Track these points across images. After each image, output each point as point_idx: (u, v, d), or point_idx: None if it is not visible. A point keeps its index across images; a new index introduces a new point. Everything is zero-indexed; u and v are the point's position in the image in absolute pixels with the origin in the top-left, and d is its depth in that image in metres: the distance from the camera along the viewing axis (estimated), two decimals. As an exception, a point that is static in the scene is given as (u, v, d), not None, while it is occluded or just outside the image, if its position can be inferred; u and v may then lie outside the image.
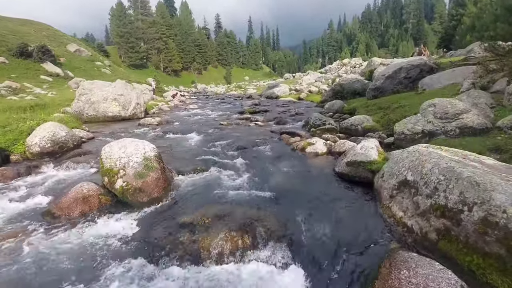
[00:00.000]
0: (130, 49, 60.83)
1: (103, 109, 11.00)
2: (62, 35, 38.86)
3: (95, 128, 9.03)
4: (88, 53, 36.42)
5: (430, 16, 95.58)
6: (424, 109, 5.18)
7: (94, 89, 11.34)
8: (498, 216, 1.66)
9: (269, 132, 7.42)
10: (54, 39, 35.49)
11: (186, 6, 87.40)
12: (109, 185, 3.59)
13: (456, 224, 1.90)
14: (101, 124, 10.07)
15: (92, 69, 32.68)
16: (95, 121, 10.80)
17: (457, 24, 36.54)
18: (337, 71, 40.06)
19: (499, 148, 3.87)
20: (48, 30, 37.35)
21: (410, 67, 10.09)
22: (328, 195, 3.32)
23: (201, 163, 4.67)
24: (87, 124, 10.04)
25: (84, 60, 34.15)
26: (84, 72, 30.93)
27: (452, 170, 2.11)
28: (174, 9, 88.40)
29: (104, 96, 11.13)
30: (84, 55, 35.25)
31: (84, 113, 10.88)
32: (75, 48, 35.06)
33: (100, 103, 11.04)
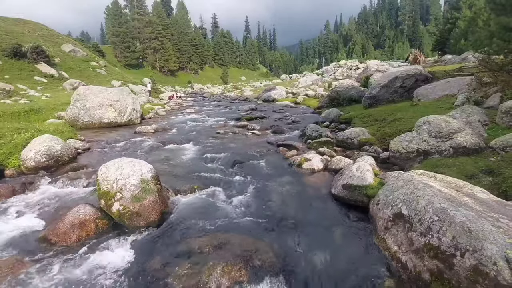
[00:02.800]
0: (126, 49, 60.38)
1: (98, 115, 10.93)
2: (57, 35, 38.39)
3: (90, 135, 8.97)
4: (83, 53, 36.04)
5: (426, 18, 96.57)
6: (419, 126, 5.24)
7: (89, 95, 11.26)
8: (489, 267, 1.71)
9: (266, 143, 7.45)
10: (49, 39, 35.04)
11: (182, 6, 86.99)
12: (106, 208, 3.58)
13: (448, 268, 1.95)
14: (96, 131, 10.01)
15: (87, 70, 32.35)
16: (90, 127, 10.73)
17: (452, 28, 36.91)
18: (333, 73, 40.27)
19: (492, 171, 3.94)
20: (42, 30, 36.87)
21: (406, 76, 10.20)
22: (325, 221, 3.36)
23: (198, 181, 4.68)
24: (83, 131, 9.98)
25: (79, 60, 33.78)
26: (79, 72, 30.62)
27: (445, 212, 2.16)
28: (171, 9, 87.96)
29: (99, 102, 11.06)
30: (79, 55, 34.88)
31: (79, 119, 10.80)
32: (70, 48, 34.66)
33: (96, 109, 10.96)
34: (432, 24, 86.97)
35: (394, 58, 62.63)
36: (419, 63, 21.70)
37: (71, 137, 7.53)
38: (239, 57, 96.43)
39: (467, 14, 32.10)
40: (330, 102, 13.50)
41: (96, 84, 25.95)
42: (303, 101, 19.32)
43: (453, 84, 8.72)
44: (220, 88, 57.10)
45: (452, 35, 34.15)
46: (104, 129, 10.39)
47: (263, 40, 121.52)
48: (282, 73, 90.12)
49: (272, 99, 21.94)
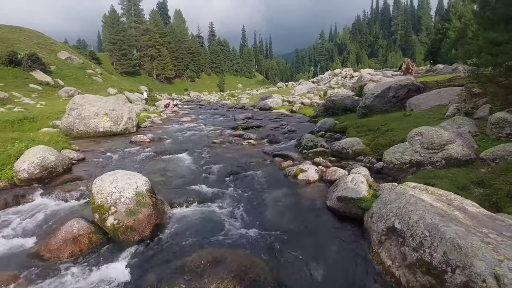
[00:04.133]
0: (122, 57, 60.51)
1: (94, 124, 10.90)
2: (53, 43, 38.43)
3: (85, 145, 8.92)
4: (80, 61, 36.05)
5: (417, 28, 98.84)
6: (411, 138, 5.34)
7: (85, 104, 11.24)
8: (479, 284, 1.74)
9: (262, 153, 7.48)
10: (45, 46, 35.04)
11: (180, 14, 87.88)
12: (100, 222, 3.56)
13: (440, 284, 1.98)
14: (91, 140, 9.95)
15: (83, 77, 32.30)
16: (85, 136, 10.67)
17: (443, 38, 37.85)
18: (328, 81, 40.78)
19: (483, 182, 4.01)
20: (38, 38, 36.89)
21: (398, 86, 10.40)
22: (320, 235, 3.38)
23: (194, 193, 4.68)
24: (77, 140, 9.92)
25: (75, 68, 33.76)
26: (75, 80, 30.55)
27: (436, 227, 2.20)
28: (168, 17, 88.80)
29: (95, 111, 11.04)
30: (75, 63, 34.87)
31: (74, 128, 10.75)
32: (66, 56, 34.67)
33: (91, 118, 10.93)
34: (424, 34, 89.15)
35: (388, 67, 63.72)
36: (411, 72, 22.14)
37: (65, 147, 7.48)
38: (236, 65, 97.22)
39: (457, 25, 33.02)
40: (326, 111, 13.67)
41: (92, 91, 25.94)
42: (299, 109, 19.51)
43: (444, 94, 8.92)
44: (217, 95, 57.38)
45: (443, 45, 35.01)
46: (99, 138, 10.34)
47: (260, 48, 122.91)
48: (278, 80, 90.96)
49: (268, 107, 22.12)
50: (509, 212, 3.22)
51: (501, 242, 2.04)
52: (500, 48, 6.04)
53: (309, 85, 35.93)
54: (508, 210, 3.28)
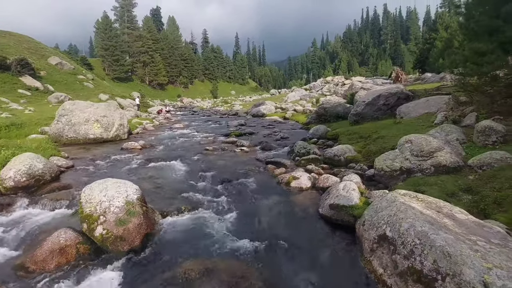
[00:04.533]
0: (114, 62, 60.16)
1: (84, 131, 10.72)
2: (44, 48, 37.94)
3: (75, 152, 8.75)
4: (71, 66, 35.62)
5: (406, 37, 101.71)
6: (401, 145, 5.43)
7: (75, 110, 11.07)
8: (468, 292, 1.76)
9: (254, 160, 7.48)
10: (35, 51, 34.55)
11: (173, 21, 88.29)
12: (89, 232, 3.47)
13: (431, 292, 1.99)
14: (81, 147, 9.77)
15: (74, 83, 31.90)
16: (75, 143, 10.48)
17: (430, 47, 39.03)
18: (321, 89, 41.35)
19: (471, 189, 4.09)
20: (28, 42, 36.37)
21: (388, 94, 10.62)
22: (313, 243, 3.37)
23: (185, 201, 4.62)
24: (67, 146, 9.73)
25: (66, 74, 33.33)
26: (66, 85, 30.13)
27: (426, 235, 2.23)
28: (161, 24, 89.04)
29: (86, 118, 10.87)
30: (66, 68, 34.43)
31: (63, 135, 10.55)
32: (56, 61, 34.22)
33: (81, 124, 10.76)
34: (412, 43, 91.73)
35: (378, 75, 65.13)
36: (401, 80, 22.67)
37: (54, 154, 7.32)
38: (229, 71, 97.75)
39: (444, 35, 34.17)
40: (318, 118, 13.81)
41: (83, 97, 25.61)
42: (291, 116, 19.66)
43: (432, 102, 9.15)
44: (210, 102, 57.43)
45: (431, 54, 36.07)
46: (89, 145, 10.17)
47: (253, 55, 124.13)
48: (272, 87, 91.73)
49: (261, 114, 22.22)
50: (496, 219, 3.29)
51: (489, 250, 2.07)
52: (485, 58, 6.25)
53: (302, 92, 36.34)
54: (496, 217, 3.35)
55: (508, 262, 1.95)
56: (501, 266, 1.88)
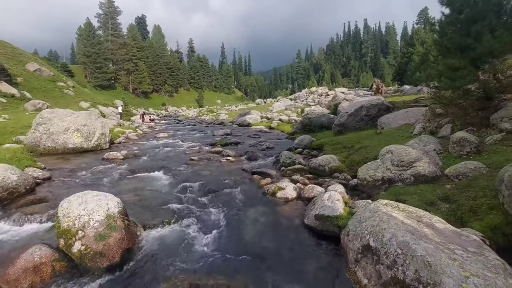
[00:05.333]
0: (97, 70, 58.81)
1: (63, 140, 10.31)
2: (21, 53, 36.59)
3: (52, 162, 8.38)
4: (50, 73, 34.46)
5: (385, 51, 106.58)
6: (383, 155, 5.61)
7: (54, 119, 10.66)
8: (448, 301, 1.82)
9: (240, 170, 7.45)
10: (12, 57, 33.24)
11: (159, 30, 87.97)
12: (66, 248, 3.30)
13: (413, 302, 2.03)
14: (60, 157, 9.37)
15: (53, 90, 30.81)
16: (53, 153, 10.04)
17: (408, 61, 41.08)
18: (305, 99, 42.23)
19: (448, 198, 4.26)
20: (5, 48, 34.97)
21: (370, 106, 11.01)
22: (298, 254, 3.37)
23: (169, 213, 4.51)
24: (44, 156, 9.31)
25: (45, 80, 32.18)
26: (44, 93, 29.06)
27: (407, 245, 2.29)
28: (147, 32, 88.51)
29: (65, 127, 10.48)
30: (45, 75, 33.27)
31: (41, 144, 10.09)
32: (35, 68, 33.03)
33: (60, 133, 10.35)
34: (391, 57, 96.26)
35: (360, 86, 67.47)
36: (381, 92, 23.59)
37: (29, 165, 6.97)
38: (215, 81, 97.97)
39: (420, 50, 36.12)
40: (303, 128, 14.04)
41: (63, 105, 24.75)
42: (277, 126, 19.86)
43: (411, 114, 9.56)
44: (195, 111, 57.04)
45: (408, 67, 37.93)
46: (68, 155, 9.77)
47: (239, 65, 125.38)
48: (257, 97, 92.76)
49: (247, 124, 22.30)
50: (472, 227, 3.43)
51: (467, 258, 2.16)
52: (458, 73, 6.64)
53: (287, 102, 36.93)
54: (472, 225, 3.50)
55: (484, 270, 2.04)
56: (477, 274, 1.96)
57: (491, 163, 4.80)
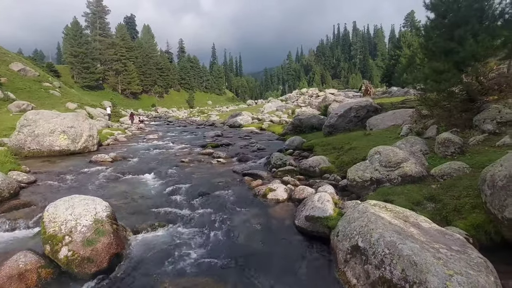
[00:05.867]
0: (84, 70, 57.50)
1: (48, 142, 10.04)
2: (5, 53, 35.41)
3: (38, 165, 8.15)
4: (35, 73, 33.48)
5: (374, 53, 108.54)
6: (371, 156, 5.71)
7: (39, 121, 10.38)
8: (432, 299, 1.88)
9: (231, 172, 7.44)
10: (-6, 56, 32.14)
11: (148, 30, 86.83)
12: (52, 254, 3.22)
13: (400, 301, 2.09)
14: (45, 160, 9.13)
15: (38, 91, 29.92)
16: (38, 156, 9.77)
17: (395, 63, 41.97)
18: (296, 100, 42.55)
19: (434, 197, 4.39)
20: (-13, 47, 33.79)
21: (359, 107, 11.20)
22: (289, 256, 3.39)
23: (159, 217, 4.46)
24: (29, 159, 9.05)
25: (30, 81, 31.23)
26: (29, 93, 28.19)
27: (394, 245, 2.35)
28: (136, 32, 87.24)
29: (51, 129, 10.22)
30: (30, 75, 32.29)
31: (25, 147, 9.80)
32: (19, 67, 32.02)
33: (46, 136, 10.08)
34: (379, 59, 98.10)
35: (349, 88, 68.46)
36: (370, 94, 24.02)
37: (13, 169, 6.77)
38: (206, 81, 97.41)
39: (407, 52, 36.98)
40: (294, 129, 14.14)
41: (49, 106, 24.10)
42: (268, 127, 19.92)
43: (398, 115, 9.78)
44: (186, 112, 56.57)
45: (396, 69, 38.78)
46: (54, 158, 9.53)
47: (230, 66, 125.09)
48: (248, 98, 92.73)
49: (238, 125, 22.28)
50: (456, 225, 3.55)
51: (450, 257, 2.23)
52: (443, 76, 6.84)
53: (278, 103, 37.13)
54: (456, 223, 3.61)
55: (467, 268, 2.11)
56: (461, 272, 2.03)
57: (474, 163, 4.96)
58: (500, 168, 3.24)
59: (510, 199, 2.97)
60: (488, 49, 6.34)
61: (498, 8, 6.67)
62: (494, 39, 6.44)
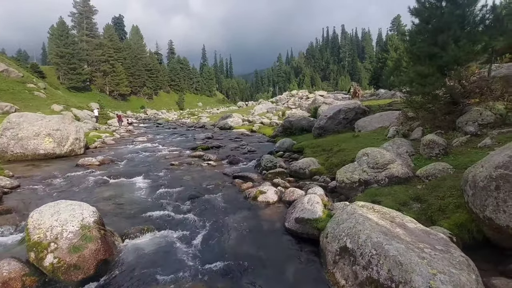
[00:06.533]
0: (71, 71, 56.08)
1: (33, 146, 9.76)
2: (-14, 53, 34.19)
3: (22, 170, 7.91)
4: (19, 74, 32.44)
5: (362, 56, 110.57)
6: (359, 158, 5.83)
7: (23, 123, 10.08)
8: (415, 298, 1.94)
9: (221, 174, 7.43)
10: (-25, 56, 30.96)
11: (137, 30, 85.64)
12: (37, 261, 3.14)
13: (387, 300, 2.14)
14: (30, 164, 8.87)
15: (22, 92, 28.99)
16: (22, 159, 9.48)
17: (383, 66, 42.89)
18: (286, 102, 42.79)
19: (419, 198, 4.51)
20: (-34, 46, 32.51)
21: (347, 109, 11.40)
22: (279, 258, 3.42)
23: (149, 221, 4.41)
24: (12, 164, 8.77)
25: (13, 82, 30.23)
26: (12, 95, 27.29)
27: (381, 246, 2.41)
28: (124, 33, 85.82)
29: (35, 132, 9.93)
30: (13, 76, 31.26)
31: (8, 150, 9.49)
32: (2, 68, 30.95)
33: (30, 139, 9.80)
34: (368, 61, 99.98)
35: (338, 90, 69.41)
36: (358, 96, 24.47)
37: (-5, 174, 6.55)
38: (196, 83, 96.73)
39: (394, 55, 37.90)
40: (284, 131, 14.24)
41: (33, 108, 23.44)
42: (259, 129, 19.98)
43: (385, 117, 10.01)
44: (176, 114, 56.00)
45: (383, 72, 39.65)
46: (39, 162, 9.27)
47: (220, 68, 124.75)
48: (239, 100, 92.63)
49: (228, 127, 22.24)
50: (441, 225, 3.66)
51: (434, 256, 2.31)
52: (427, 79, 7.06)
53: (269, 105, 37.24)
54: (441, 223, 3.73)
55: (450, 267, 2.19)
56: (444, 271, 2.10)
57: (457, 164, 5.13)
58: (481, 169, 3.37)
59: (490, 199, 3.10)
60: (469, 53, 6.59)
61: (479, 14, 6.94)
62: (475, 44, 6.70)
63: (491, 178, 3.10)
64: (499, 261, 3.03)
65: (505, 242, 3.08)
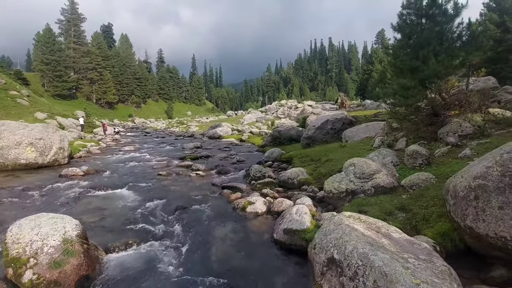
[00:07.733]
0: (56, 78, 54.91)
1: (14, 155, 9.42)
2: (-34, 59, 33.08)
3: (1, 180, 7.59)
4: (1, 81, 31.47)
5: (349, 68, 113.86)
6: (346, 168, 5.94)
7: (4, 132, 9.74)
8: (399, 308, 1.97)
9: (210, 185, 7.37)
10: (-46, 62, 29.88)
11: (126, 39, 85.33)
12: (15, 278, 3.00)
13: (373, 311, 2.16)
14: (10, 175, 8.54)
15: (4, 99, 28.07)
16: (2, 169, 9.11)
17: (368, 78, 44.32)
18: (276, 111, 43.21)
19: (404, 207, 4.61)
20: None
21: (335, 120, 11.64)
22: (267, 270, 3.40)
23: (134, 234, 4.30)
24: (-10, 175, 8.40)
25: (-6, 89, 29.29)
26: (-7, 102, 26.39)
27: (366, 256, 2.45)
28: (113, 41, 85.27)
29: (17, 141, 9.61)
30: (-6, 83, 30.31)
31: (-14, 160, 9.10)
32: (-18, 75, 29.99)
33: (11, 148, 9.46)
34: (354, 73, 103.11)
35: (326, 100, 70.85)
36: (345, 106, 25.04)
37: (-29, 185, 6.25)
38: (185, 92, 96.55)
39: (379, 67, 39.30)
40: (273, 141, 14.33)
41: (15, 116, 22.70)
42: (248, 138, 20.02)
43: (371, 128, 10.28)
44: (164, 122, 55.43)
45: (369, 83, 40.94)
46: (20, 172, 8.93)
47: (210, 77, 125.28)
48: (228, 109, 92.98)
49: (218, 136, 22.19)
50: (425, 234, 3.75)
51: (418, 266, 2.36)
52: (409, 92, 7.34)
53: (258, 114, 37.50)
54: (425, 232, 3.82)
55: (433, 277, 2.24)
56: (427, 281, 2.15)
57: (439, 174, 5.30)
58: (461, 180, 3.50)
59: (470, 209, 3.22)
60: (448, 68, 6.92)
61: (456, 31, 7.35)
62: (453, 59, 7.05)
63: (470, 188, 3.23)
64: (480, 269, 3.12)
65: (485, 250, 3.19)
